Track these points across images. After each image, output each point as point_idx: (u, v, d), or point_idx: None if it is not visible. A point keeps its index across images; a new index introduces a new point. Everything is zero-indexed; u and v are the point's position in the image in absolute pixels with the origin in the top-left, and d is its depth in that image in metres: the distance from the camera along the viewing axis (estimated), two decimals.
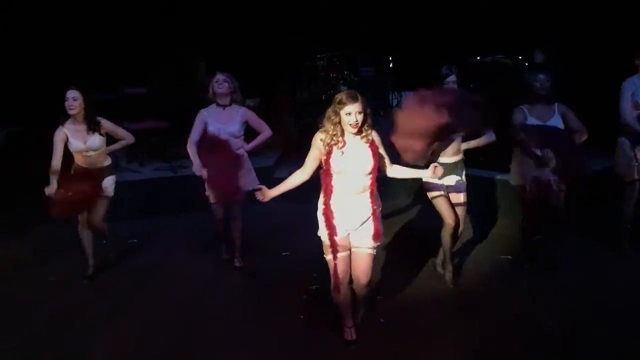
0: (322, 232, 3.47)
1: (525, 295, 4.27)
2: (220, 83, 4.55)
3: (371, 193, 3.43)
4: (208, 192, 4.70)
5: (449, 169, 4.24)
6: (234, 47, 8.59)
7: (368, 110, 3.30)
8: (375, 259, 3.54)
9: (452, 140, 4.22)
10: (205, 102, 4.71)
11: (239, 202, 4.75)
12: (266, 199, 3.48)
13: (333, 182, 3.36)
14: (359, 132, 3.30)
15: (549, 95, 4.35)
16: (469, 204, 4.41)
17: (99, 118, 4.56)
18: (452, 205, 4.34)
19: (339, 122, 3.27)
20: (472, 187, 4.76)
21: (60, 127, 4.48)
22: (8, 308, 4.27)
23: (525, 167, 4.42)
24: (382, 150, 3.45)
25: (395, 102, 9.87)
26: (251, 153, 4.85)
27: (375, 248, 3.49)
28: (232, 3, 8.84)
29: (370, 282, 3.57)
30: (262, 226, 5.83)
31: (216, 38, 8.85)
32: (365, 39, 9.64)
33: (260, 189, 3.49)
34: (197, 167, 4.38)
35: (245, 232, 4.96)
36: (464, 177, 4.40)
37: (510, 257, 4.94)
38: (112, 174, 4.80)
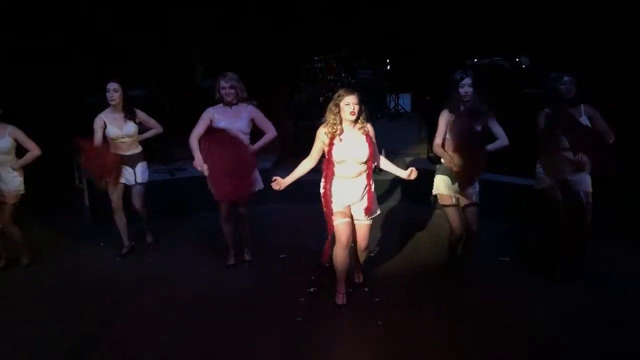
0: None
1: (524, 297, 4.29)
2: (227, 90, 4.53)
3: (367, 175, 3.99)
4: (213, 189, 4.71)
5: None
6: (232, 50, 8.60)
7: (363, 106, 3.88)
8: (372, 227, 4.20)
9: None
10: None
11: (246, 204, 4.84)
12: (282, 188, 4.08)
13: (334, 170, 3.93)
14: (356, 122, 3.89)
15: (574, 99, 4.27)
16: (481, 205, 4.38)
17: (134, 108, 5.01)
18: (463, 211, 4.38)
19: (339, 112, 3.85)
20: None
21: (100, 115, 4.92)
22: (7, 309, 4.27)
23: (552, 171, 4.39)
24: (374, 142, 4.02)
25: (392, 104, 9.89)
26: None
27: (372, 218, 4.12)
28: (230, 5, 8.86)
29: (368, 246, 4.25)
30: (260, 228, 5.84)
31: (214, 41, 8.86)
32: (363, 41, 9.67)
33: (275, 180, 4.06)
34: (199, 162, 4.37)
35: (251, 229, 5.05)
36: (476, 184, 4.34)
37: (507, 259, 4.96)
38: (144, 160, 5.15)
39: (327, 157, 3.93)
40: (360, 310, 4.19)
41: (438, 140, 4.34)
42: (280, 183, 4.06)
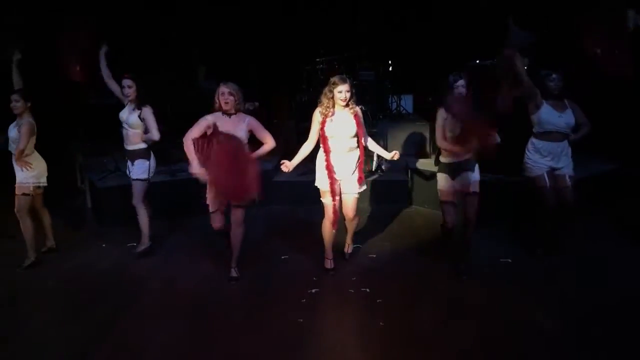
0: (320, 182, 4.63)
1: (525, 298, 4.28)
2: (226, 98, 4.47)
3: (359, 153, 4.59)
4: (208, 200, 4.64)
5: (460, 167, 4.60)
6: (234, 51, 8.61)
7: (354, 90, 4.48)
8: (358, 200, 4.71)
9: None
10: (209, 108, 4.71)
11: (243, 209, 4.61)
12: (290, 169, 4.55)
13: (329, 144, 4.51)
14: (347, 105, 4.46)
15: (561, 94, 4.70)
16: (480, 196, 4.62)
17: (147, 105, 5.06)
18: (463, 200, 4.65)
19: (332, 98, 4.44)
20: None
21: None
22: (10, 310, 4.28)
23: (540, 160, 4.78)
24: (362, 123, 4.58)
25: (394, 105, 9.87)
26: None
27: (358, 193, 4.67)
28: (232, 7, 8.86)
29: (355, 216, 4.80)
30: (261, 230, 5.84)
31: (216, 42, 8.86)
32: (365, 42, 9.65)
33: (283, 163, 4.52)
34: (195, 167, 4.27)
35: (245, 237, 4.94)
36: (476, 170, 4.63)
37: (509, 260, 4.95)
38: (144, 158, 5.14)
39: (321, 133, 4.51)
40: (362, 312, 4.20)
41: (439, 135, 4.59)
42: (288, 165, 4.52)
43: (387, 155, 4.68)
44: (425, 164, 6.56)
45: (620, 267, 4.73)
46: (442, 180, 4.70)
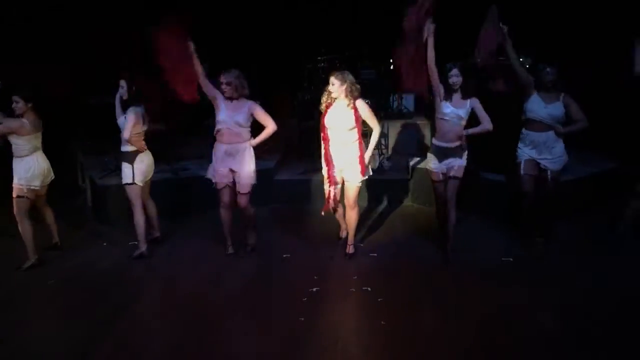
0: (323, 169, 4.93)
1: (525, 297, 4.28)
2: (224, 87, 4.79)
3: (359, 145, 4.76)
4: (211, 175, 4.97)
5: (448, 152, 4.83)
6: (235, 49, 8.60)
7: (351, 84, 4.67)
8: (359, 189, 4.89)
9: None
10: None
11: (246, 195, 4.97)
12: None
13: (327, 133, 4.78)
14: (346, 97, 4.67)
15: (555, 87, 4.84)
16: (462, 182, 4.84)
17: (134, 107, 4.93)
18: (445, 189, 4.89)
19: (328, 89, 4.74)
20: (473, 189, 4.81)
21: None
22: (10, 309, 4.28)
23: (524, 148, 5.01)
24: (365, 117, 4.78)
25: (395, 104, 9.86)
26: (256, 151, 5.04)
27: (359, 182, 4.84)
28: (233, 6, 8.85)
29: (355, 206, 4.93)
30: (263, 228, 5.84)
31: (217, 40, 8.85)
32: (365, 41, 9.65)
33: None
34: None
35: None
36: (464, 158, 4.85)
37: (511, 259, 4.95)
38: (126, 162, 5.03)
39: (321, 123, 4.81)
40: (363, 311, 4.20)
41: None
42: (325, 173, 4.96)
43: (366, 160, 4.85)
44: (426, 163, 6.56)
45: (620, 267, 4.73)
46: (432, 160, 4.95)
